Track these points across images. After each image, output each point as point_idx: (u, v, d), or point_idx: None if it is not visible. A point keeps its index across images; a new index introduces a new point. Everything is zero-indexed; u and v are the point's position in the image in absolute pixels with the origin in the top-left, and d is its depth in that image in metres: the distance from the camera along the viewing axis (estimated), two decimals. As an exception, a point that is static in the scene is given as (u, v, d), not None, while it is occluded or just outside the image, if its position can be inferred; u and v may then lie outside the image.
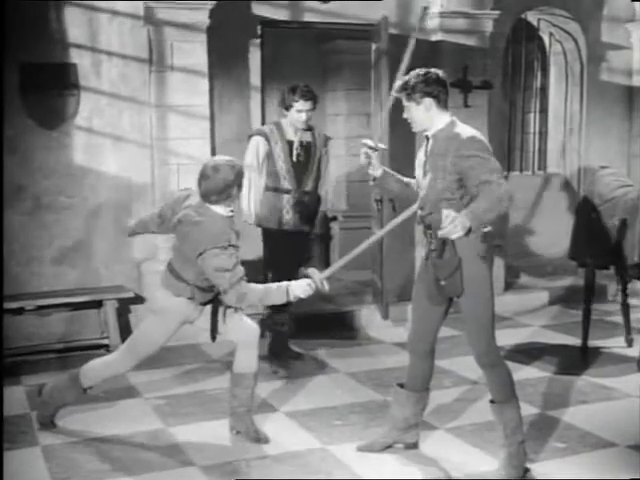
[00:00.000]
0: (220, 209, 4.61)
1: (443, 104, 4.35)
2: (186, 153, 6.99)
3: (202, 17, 6.92)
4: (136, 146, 7.11)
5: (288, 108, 6.24)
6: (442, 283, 4.30)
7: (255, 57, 7.51)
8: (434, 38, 7.98)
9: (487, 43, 8.07)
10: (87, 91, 6.94)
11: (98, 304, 6.84)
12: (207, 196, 4.57)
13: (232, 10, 7.22)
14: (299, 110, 6.20)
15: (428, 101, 4.32)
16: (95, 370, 5.03)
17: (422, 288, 4.50)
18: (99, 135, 7.02)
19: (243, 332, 4.94)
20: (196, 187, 4.66)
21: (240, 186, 4.67)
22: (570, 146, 9.37)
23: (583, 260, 6.59)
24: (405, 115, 4.47)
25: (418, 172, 4.52)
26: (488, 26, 8.01)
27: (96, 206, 7.05)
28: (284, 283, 4.58)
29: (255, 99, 7.54)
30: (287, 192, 6.33)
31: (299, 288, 4.54)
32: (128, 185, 7.11)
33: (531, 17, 9.12)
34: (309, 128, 6.38)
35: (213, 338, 4.93)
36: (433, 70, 4.37)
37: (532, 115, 9.67)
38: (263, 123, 7.66)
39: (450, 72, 7.71)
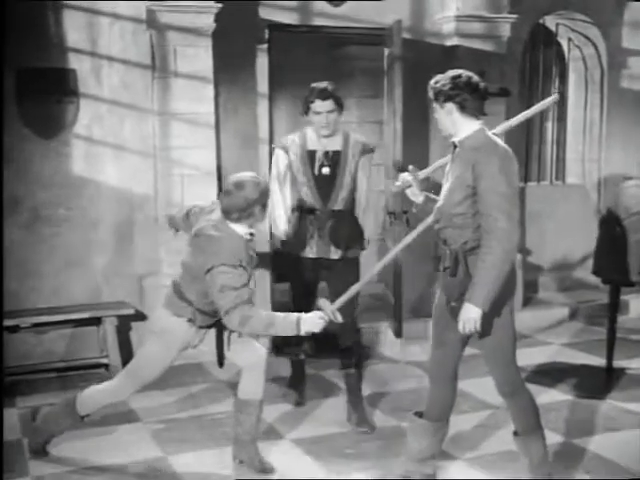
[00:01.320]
0: (240, 228, 4.34)
1: (470, 111, 4.00)
2: (190, 163, 6.70)
3: (207, 21, 6.63)
4: (138, 156, 6.82)
5: (307, 112, 5.29)
6: (453, 304, 3.99)
7: (262, 63, 7.22)
8: (449, 43, 7.72)
9: (504, 48, 7.79)
10: (87, 98, 6.66)
11: (97, 321, 6.53)
12: (228, 213, 4.32)
13: (238, 14, 6.94)
14: (317, 112, 5.21)
15: (450, 106, 4.00)
16: (93, 398, 4.73)
17: (441, 307, 4.18)
18: (99, 144, 6.73)
19: (249, 356, 4.65)
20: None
21: (265, 206, 4.41)
22: (589, 156, 9.06)
23: (607, 276, 6.28)
24: (435, 116, 4.17)
25: (444, 181, 4.23)
26: (505, 30, 7.73)
27: (96, 218, 6.76)
28: (294, 314, 4.28)
29: (262, 106, 7.24)
30: (310, 212, 5.37)
31: (310, 321, 4.25)
32: (129, 196, 6.82)
33: (549, 22, 8.83)
34: (342, 134, 5.39)
35: (220, 364, 4.67)
36: (465, 73, 4.02)
37: (550, 124, 9.34)
38: (271, 132, 7.41)
39: None
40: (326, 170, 5.32)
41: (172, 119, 6.70)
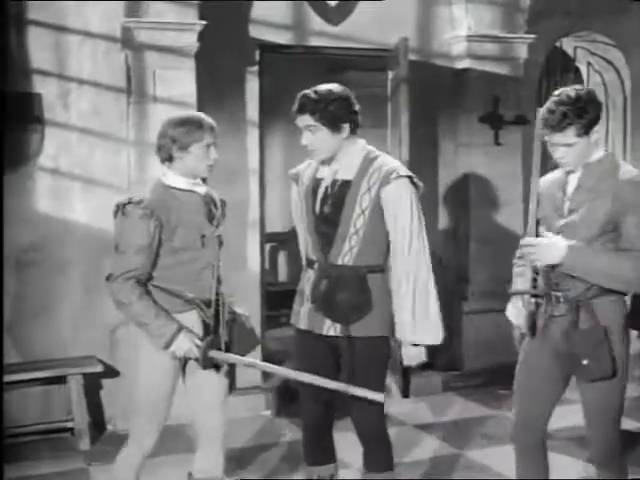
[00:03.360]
0: (172, 175, 3.84)
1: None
2: (170, 199, 5.96)
3: (190, 40, 6.00)
4: (110, 190, 6.06)
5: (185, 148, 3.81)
6: (584, 362, 3.41)
7: (253, 87, 6.59)
8: (460, 65, 7.10)
9: (521, 72, 7.18)
10: (53, 126, 5.99)
11: (62, 379, 5.78)
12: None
13: (225, 32, 6.32)
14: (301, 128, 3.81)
15: (595, 134, 3.46)
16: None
17: (538, 362, 3.65)
18: (67, 177, 6.04)
19: (205, 404, 3.89)
20: None
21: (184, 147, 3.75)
22: (613, 190, 8.34)
23: (648, 329, 5.52)
24: (559, 155, 3.51)
25: (547, 213, 3.63)
26: (522, 52, 7.13)
27: (62, 261, 6.03)
28: (175, 325, 3.60)
29: (252, 135, 6.56)
30: (310, 265, 3.93)
31: (183, 344, 3.61)
32: (101, 236, 5.98)
33: (566, 45, 8.19)
34: (364, 157, 3.81)
35: None
36: (585, 90, 3.48)
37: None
38: (262, 164, 6.77)
39: (478, 104, 7.04)
40: (327, 208, 3.80)
41: (149, 149, 5.85)
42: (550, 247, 3.42)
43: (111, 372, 6.01)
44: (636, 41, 8.10)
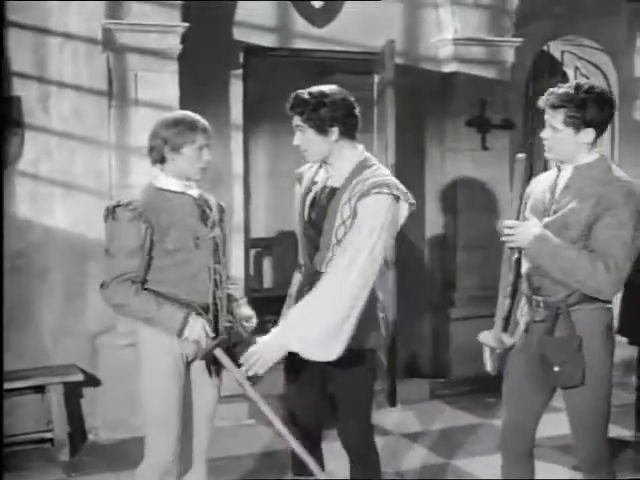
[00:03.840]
0: (163, 178, 3.76)
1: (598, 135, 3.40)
2: (152, 204, 5.85)
3: (173, 42, 5.90)
4: (92, 195, 5.98)
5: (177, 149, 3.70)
6: (555, 369, 3.35)
7: (237, 91, 6.48)
8: (447, 69, 7.02)
9: (508, 75, 7.11)
10: (33, 130, 5.87)
11: (41, 389, 5.65)
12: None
13: (209, 34, 6.21)
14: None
15: (591, 132, 3.37)
16: None
17: (522, 369, 3.57)
18: (47, 182, 5.92)
19: (199, 414, 3.81)
20: None
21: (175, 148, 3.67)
22: (599, 195, 8.25)
23: (637, 336, 5.48)
24: (546, 134, 3.45)
25: (535, 212, 3.56)
26: (509, 55, 7.06)
27: (43, 268, 5.91)
28: (182, 312, 3.52)
29: (236, 140, 6.47)
30: (299, 268, 3.84)
31: (196, 326, 3.52)
32: (82, 242, 5.97)
33: (554, 49, 8.11)
34: (358, 164, 3.63)
35: None
36: (598, 89, 3.40)
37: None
38: (246, 170, 6.67)
39: (465, 108, 6.95)
40: (314, 214, 3.71)
41: (131, 154, 5.91)
42: (524, 230, 3.35)
43: (92, 381, 5.89)
44: (624, 45, 8.04)
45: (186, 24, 5.88)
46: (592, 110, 3.30)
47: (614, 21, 7.84)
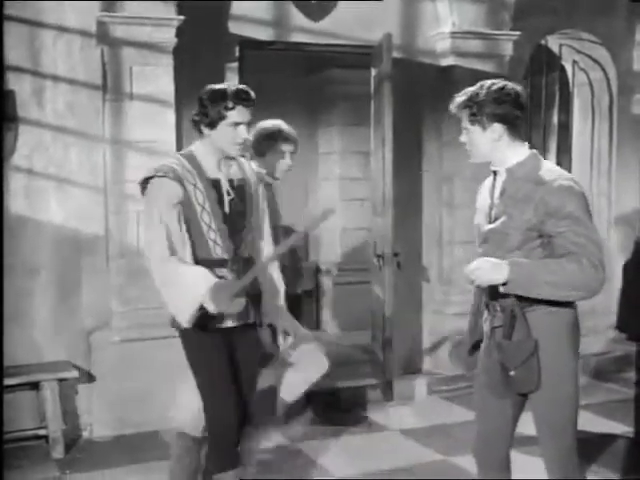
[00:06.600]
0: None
1: (518, 133, 3.35)
2: (147, 199, 5.78)
3: (168, 35, 5.83)
4: (86, 190, 5.93)
5: (213, 124, 3.73)
6: (511, 374, 3.26)
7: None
8: (444, 62, 6.96)
9: (506, 69, 7.01)
10: (27, 124, 5.79)
11: (35, 386, 5.59)
12: None
13: (204, 27, 6.14)
14: (236, 123, 3.72)
15: (499, 128, 3.29)
16: None
17: (485, 377, 3.46)
18: (41, 177, 5.84)
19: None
20: None
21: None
22: (598, 190, 8.22)
23: (636, 332, 5.41)
24: (463, 139, 3.43)
25: (480, 219, 3.49)
26: (507, 49, 7.00)
27: (37, 264, 5.83)
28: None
29: (232, 134, 6.37)
30: (221, 264, 3.82)
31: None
32: (76, 237, 5.91)
33: (552, 43, 8.05)
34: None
35: None
36: (510, 85, 3.36)
37: (553, 156, 8.52)
38: (242, 162, 6.54)
39: None
40: (237, 207, 3.86)
41: (126, 148, 5.85)
42: (489, 267, 3.21)
43: (87, 377, 5.84)
44: (622, 39, 7.99)
45: (181, 17, 5.81)
46: (491, 106, 3.25)
47: (612, 15, 7.79)
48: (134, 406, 5.70)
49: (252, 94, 3.77)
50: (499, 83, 3.33)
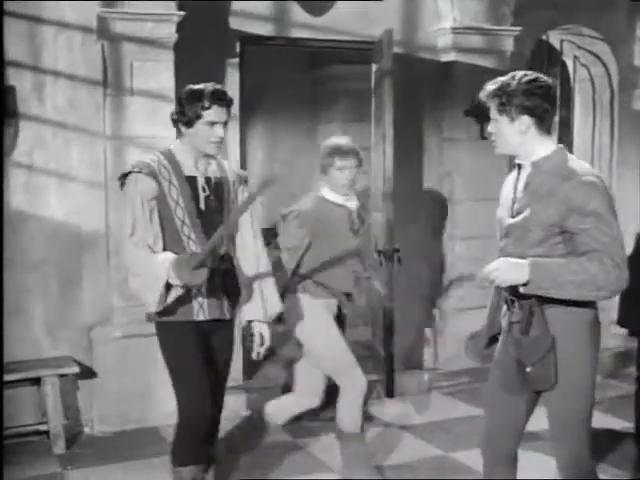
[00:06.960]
0: None
1: (546, 127, 3.31)
2: (148, 194, 5.77)
3: (168, 31, 5.81)
4: (87, 186, 5.92)
5: (190, 123, 3.84)
6: (528, 370, 3.22)
7: (233, 81, 6.36)
8: (445, 58, 6.95)
9: (507, 65, 6.99)
10: (27, 120, 5.77)
11: (36, 381, 5.59)
12: None
13: (205, 23, 6.12)
14: (212, 122, 3.84)
15: (527, 120, 3.27)
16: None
17: (500, 373, 3.42)
18: (42, 173, 5.83)
19: None
20: None
21: None
22: (599, 186, 8.19)
23: (637, 328, 5.41)
24: (490, 129, 3.43)
25: (502, 213, 3.45)
26: (508, 45, 6.99)
27: (37, 260, 5.82)
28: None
29: (233, 130, 6.34)
30: None
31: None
32: (77, 233, 5.90)
33: (553, 39, 8.03)
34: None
35: None
36: (542, 78, 3.34)
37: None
38: (242, 159, 6.55)
39: (464, 98, 6.83)
40: (213, 203, 3.97)
41: (127, 144, 5.84)
42: (507, 267, 3.17)
43: (88, 373, 5.82)
44: (623, 35, 7.97)
45: (182, 13, 5.79)
46: (521, 97, 3.24)
47: (614, 10, 7.77)
48: (135, 402, 5.71)
49: (229, 95, 3.91)
50: (531, 75, 3.30)
